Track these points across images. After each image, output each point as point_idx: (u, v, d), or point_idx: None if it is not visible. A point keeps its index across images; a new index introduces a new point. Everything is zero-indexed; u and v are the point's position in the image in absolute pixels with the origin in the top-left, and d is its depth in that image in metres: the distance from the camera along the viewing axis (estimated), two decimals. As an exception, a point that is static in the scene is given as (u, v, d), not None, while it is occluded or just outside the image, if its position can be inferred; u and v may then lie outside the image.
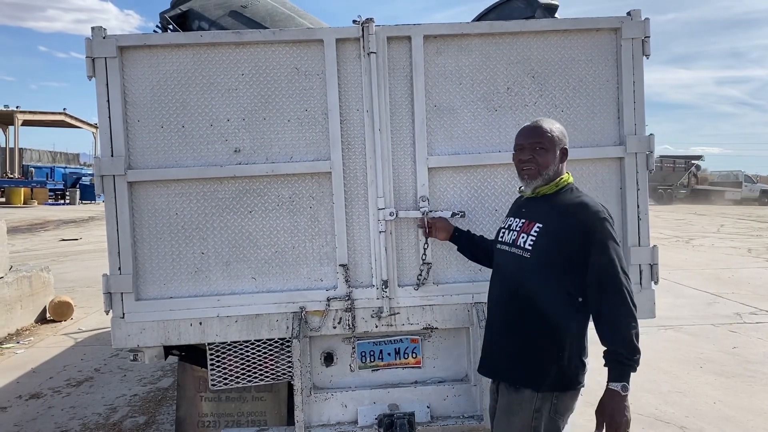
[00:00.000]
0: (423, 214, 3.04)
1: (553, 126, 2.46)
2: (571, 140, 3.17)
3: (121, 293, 3.01)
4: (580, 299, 2.30)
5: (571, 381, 2.36)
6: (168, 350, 3.26)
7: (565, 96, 3.16)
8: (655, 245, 3.20)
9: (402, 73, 3.09)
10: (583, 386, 2.40)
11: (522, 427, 2.35)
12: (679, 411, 4.73)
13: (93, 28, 2.96)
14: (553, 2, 3.85)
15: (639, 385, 5.29)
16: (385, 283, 3.07)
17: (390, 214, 3.04)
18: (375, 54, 3.01)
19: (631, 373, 2.22)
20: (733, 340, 6.74)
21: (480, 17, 4.09)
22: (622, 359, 2.20)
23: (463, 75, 3.12)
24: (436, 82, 3.10)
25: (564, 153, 2.46)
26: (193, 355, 3.41)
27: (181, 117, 3.02)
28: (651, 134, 3.16)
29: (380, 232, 3.05)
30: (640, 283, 3.19)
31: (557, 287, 2.31)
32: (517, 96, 3.14)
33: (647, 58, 3.16)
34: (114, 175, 2.98)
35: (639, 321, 3.24)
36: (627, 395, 2.22)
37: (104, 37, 2.95)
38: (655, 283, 3.23)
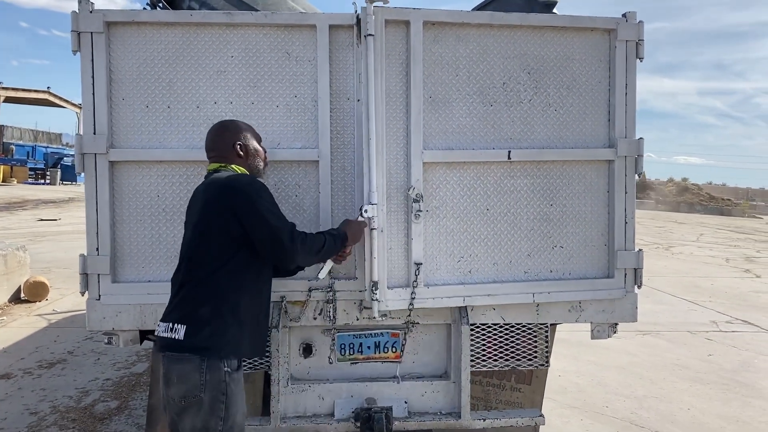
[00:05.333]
0: (415, 213, 2.97)
1: None
2: (562, 141, 3.16)
3: (98, 274, 2.94)
4: None
5: None
6: (144, 335, 3.19)
7: (559, 95, 3.13)
8: (640, 249, 3.19)
9: (397, 60, 2.99)
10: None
11: None
12: (654, 416, 4.75)
13: (80, 1, 2.87)
14: None
15: (615, 390, 5.32)
16: (375, 285, 2.93)
17: (381, 210, 2.96)
18: (373, 37, 2.90)
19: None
20: (708, 347, 6.80)
21: (477, 9, 4.05)
22: None
23: (459, 66, 3.05)
24: (432, 72, 3.02)
25: None
26: (169, 340, 3.34)
27: (167, 97, 2.95)
28: (641, 138, 3.16)
29: (371, 229, 2.90)
30: (625, 287, 3.18)
31: None
32: (513, 92, 3.09)
33: (641, 62, 3.15)
34: (95, 154, 2.90)
35: (622, 324, 3.27)
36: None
37: (91, 12, 2.87)
38: (638, 287, 3.23)
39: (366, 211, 2.84)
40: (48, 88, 40.76)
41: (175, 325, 2.34)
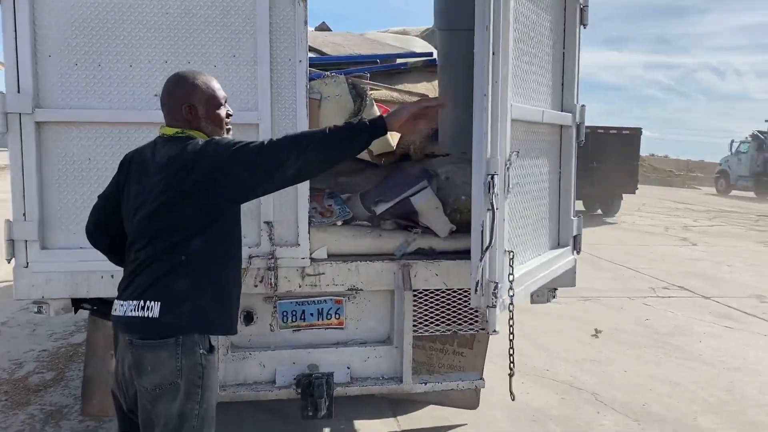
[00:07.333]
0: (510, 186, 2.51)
1: None
2: (550, 103, 3.06)
3: (26, 241, 2.81)
4: None
5: None
6: (78, 303, 3.09)
7: (541, 52, 2.97)
8: (579, 215, 3.25)
9: None
10: None
11: None
12: (592, 378, 4.91)
13: (-2, -53, 2.68)
14: None
15: (556, 354, 5.47)
16: (496, 286, 2.34)
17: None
18: None
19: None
20: (646, 312, 7.04)
21: None
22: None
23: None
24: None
25: None
26: (104, 309, 3.24)
27: (98, 55, 2.80)
28: (583, 105, 3.19)
29: (496, 208, 2.30)
30: (573, 255, 3.24)
31: None
32: (533, 42, 2.82)
33: (584, 28, 3.16)
34: (20, 114, 2.74)
35: (564, 290, 3.34)
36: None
37: (12, -42, 2.68)
38: (578, 253, 3.29)
39: (495, 185, 2.27)
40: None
41: (147, 302, 2.11)
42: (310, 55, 3.11)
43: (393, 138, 3.37)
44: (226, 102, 2.30)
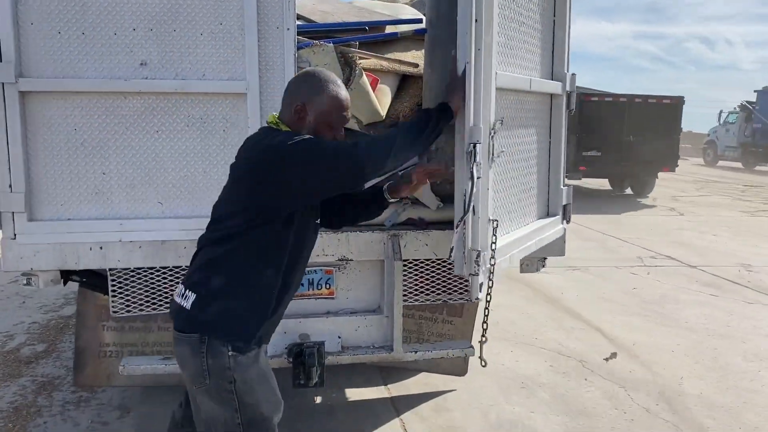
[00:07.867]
0: (495, 155, 2.45)
1: None
2: (538, 71, 2.99)
3: (13, 213, 2.77)
4: None
5: None
6: (67, 275, 3.08)
7: (532, 19, 2.90)
8: (569, 185, 3.26)
9: None
10: None
11: None
12: (580, 346, 4.98)
13: None
14: None
15: (544, 322, 5.53)
16: (479, 255, 2.32)
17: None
18: None
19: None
20: (633, 281, 7.12)
21: None
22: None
23: None
24: None
25: None
26: (94, 281, 3.23)
27: (81, 22, 2.74)
28: (573, 73, 3.17)
29: (477, 178, 2.24)
30: (563, 224, 3.25)
31: None
32: (519, 7, 2.74)
33: (575, -6, 3.13)
34: (3, 83, 2.69)
35: (551, 258, 3.36)
36: None
37: None
38: (567, 222, 3.30)
39: (477, 153, 2.21)
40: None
41: (187, 291, 2.05)
42: (298, 23, 3.06)
43: (383, 107, 3.34)
44: (342, 125, 2.15)
